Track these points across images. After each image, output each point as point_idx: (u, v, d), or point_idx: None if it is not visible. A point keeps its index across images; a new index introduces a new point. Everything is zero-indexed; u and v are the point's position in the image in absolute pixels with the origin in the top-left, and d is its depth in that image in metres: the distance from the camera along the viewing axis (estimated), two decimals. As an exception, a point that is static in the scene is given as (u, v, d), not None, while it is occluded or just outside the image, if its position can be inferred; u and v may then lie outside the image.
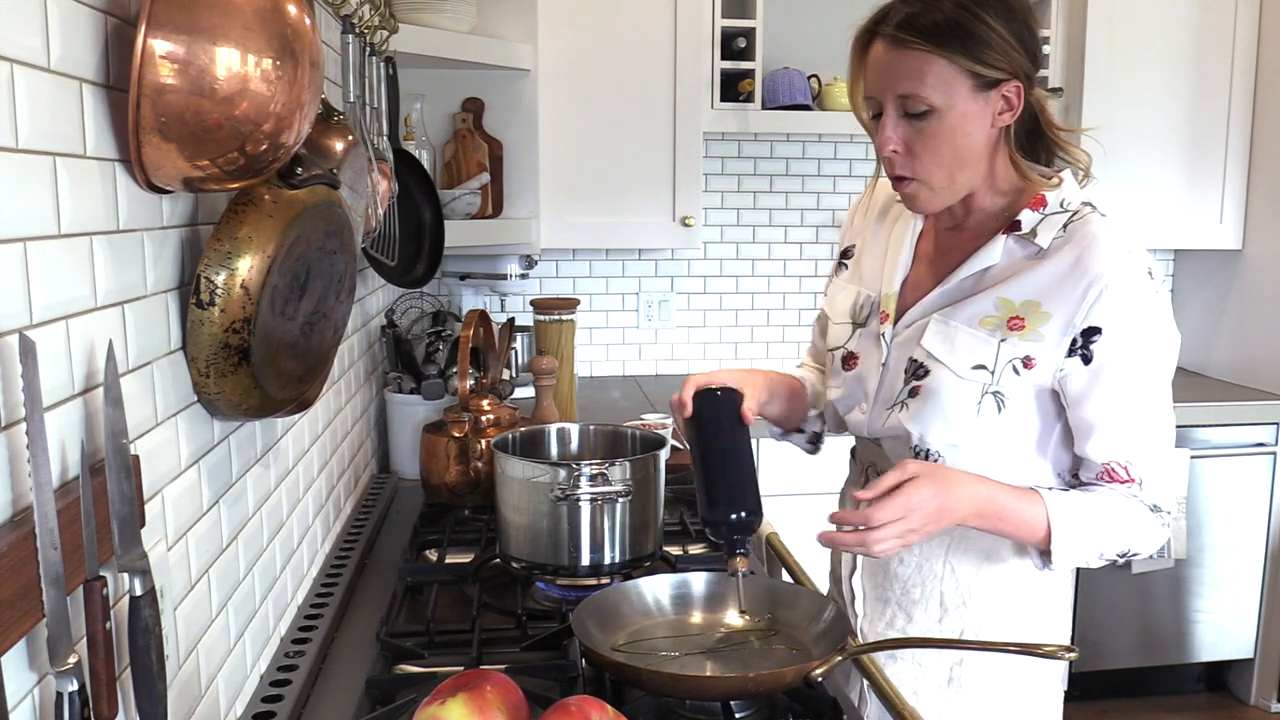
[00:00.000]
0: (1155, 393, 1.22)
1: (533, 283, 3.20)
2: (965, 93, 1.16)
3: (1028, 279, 1.22)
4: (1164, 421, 1.23)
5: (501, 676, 0.97)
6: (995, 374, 1.22)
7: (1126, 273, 1.18)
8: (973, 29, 1.14)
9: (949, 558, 1.31)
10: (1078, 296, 1.18)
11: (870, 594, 1.40)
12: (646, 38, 2.83)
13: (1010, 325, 1.22)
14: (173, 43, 0.77)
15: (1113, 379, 1.19)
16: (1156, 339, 1.21)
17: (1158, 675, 3.22)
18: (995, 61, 1.15)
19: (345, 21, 1.54)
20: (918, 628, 1.34)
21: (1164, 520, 1.23)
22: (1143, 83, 3.13)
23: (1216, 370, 3.39)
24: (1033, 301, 1.21)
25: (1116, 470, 1.22)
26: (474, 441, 1.81)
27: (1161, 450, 1.23)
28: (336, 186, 1.11)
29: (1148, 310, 1.20)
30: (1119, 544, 1.24)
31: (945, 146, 1.19)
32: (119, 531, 0.78)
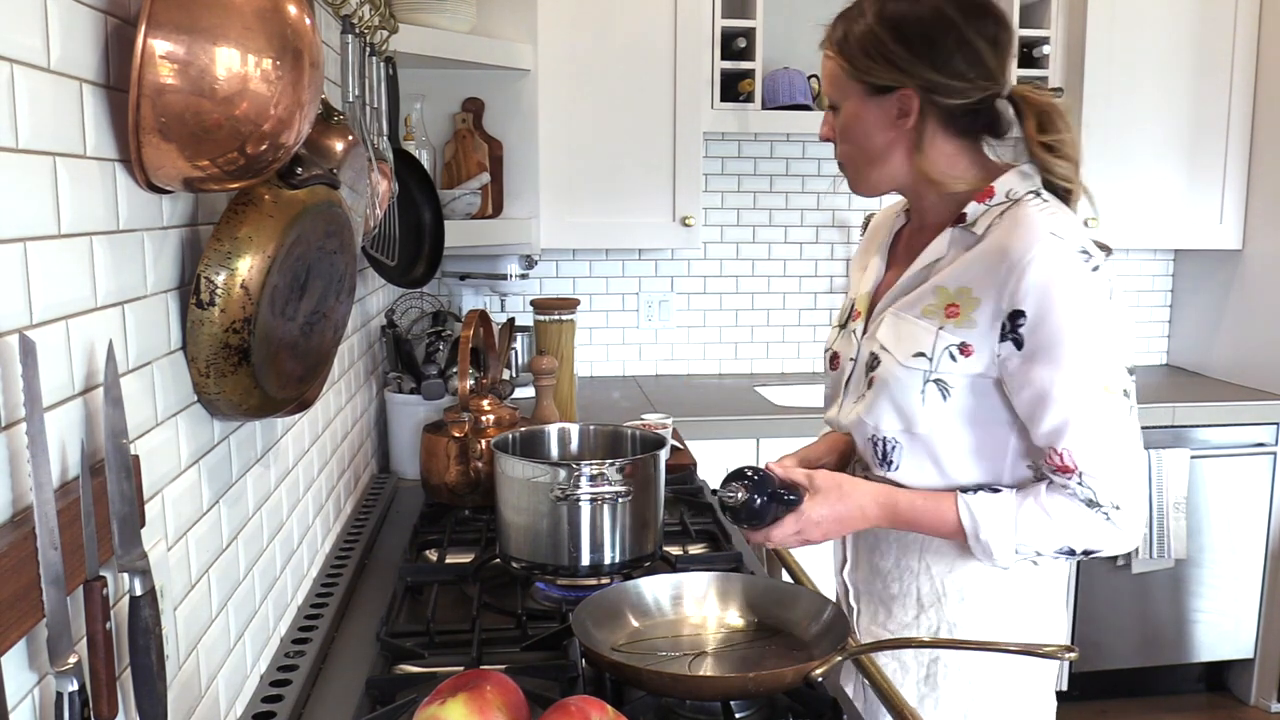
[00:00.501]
0: (1092, 379, 1.19)
1: (533, 283, 3.20)
2: (857, 96, 1.30)
3: (962, 265, 1.26)
4: (1109, 409, 1.20)
5: (501, 676, 0.97)
6: (934, 361, 1.25)
7: (1048, 254, 1.18)
8: (866, 43, 1.27)
9: (924, 554, 1.34)
10: (1002, 279, 1.20)
11: (860, 589, 1.45)
12: (646, 38, 2.83)
13: (947, 313, 1.25)
14: (173, 43, 0.77)
15: (1042, 364, 1.19)
16: (1087, 322, 1.19)
17: (1157, 675, 3.22)
18: (877, 72, 1.27)
19: (345, 21, 1.54)
20: (896, 622, 1.37)
21: (1108, 516, 1.21)
22: (1143, 83, 3.13)
23: (1216, 370, 3.39)
24: (965, 288, 1.24)
25: (1053, 459, 1.21)
26: (474, 441, 1.81)
27: (1105, 441, 1.20)
28: (336, 186, 1.11)
29: (1073, 292, 1.18)
30: (1050, 538, 1.23)
31: (851, 139, 1.33)
32: (119, 531, 0.78)
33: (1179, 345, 3.59)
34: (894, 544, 1.36)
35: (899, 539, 1.35)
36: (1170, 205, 3.22)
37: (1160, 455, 2.94)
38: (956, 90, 1.25)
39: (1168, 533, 2.95)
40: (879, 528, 1.32)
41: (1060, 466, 1.21)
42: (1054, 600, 1.40)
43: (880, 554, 1.39)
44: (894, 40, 1.25)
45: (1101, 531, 1.21)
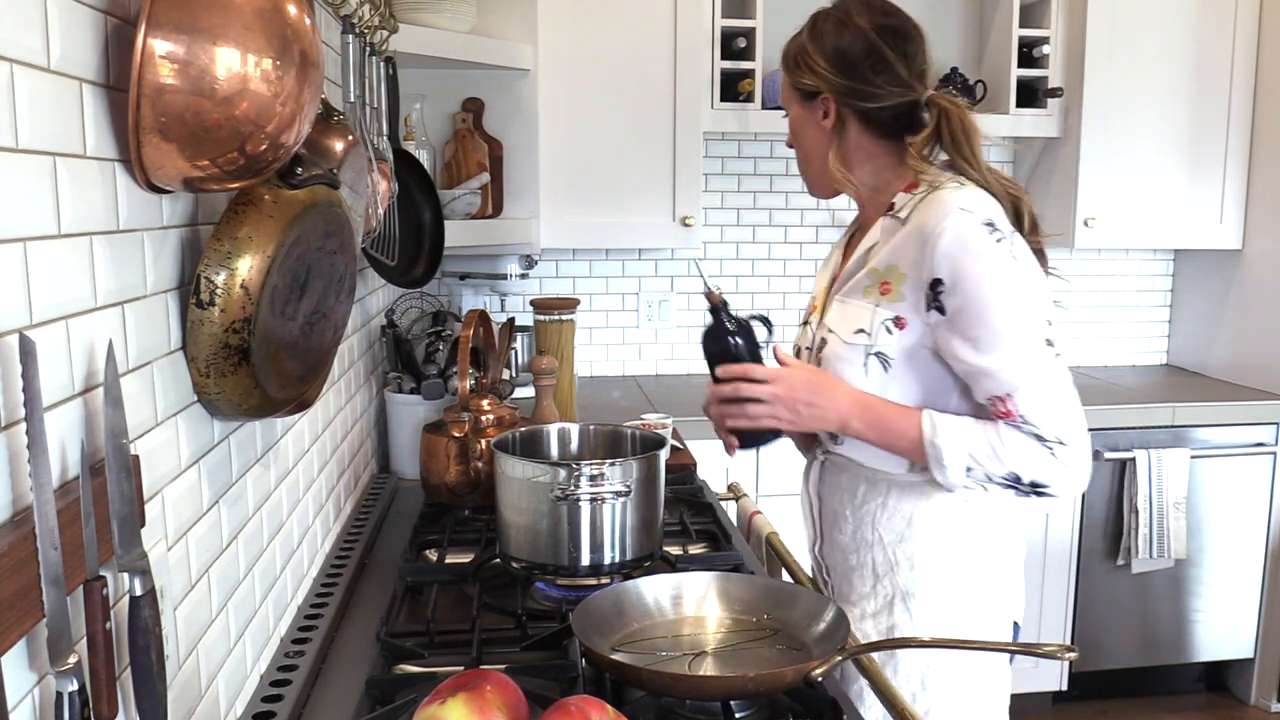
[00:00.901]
0: (1014, 330, 1.30)
1: (533, 283, 3.20)
2: (795, 103, 1.50)
3: (890, 247, 1.39)
4: (1034, 356, 1.31)
5: (501, 676, 0.97)
6: (873, 335, 1.38)
7: (955, 225, 1.31)
8: (798, 54, 1.47)
9: (876, 526, 1.44)
10: (919, 252, 1.34)
11: (827, 562, 1.55)
12: (646, 38, 2.83)
13: (881, 290, 1.39)
14: (173, 43, 0.77)
15: (966, 321, 1.31)
16: (999, 281, 1.30)
17: (1157, 675, 3.22)
18: (803, 79, 1.46)
19: (345, 21, 1.54)
20: (857, 593, 1.48)
21: (1052, 450, 1.30)
22: (1143, 83, 3.13)
23: (1216, 370, 3.39)
24: (893, 265, 1.38)
25: (997, 406, 1.32)
26: (474, 441, 1.81)
27: (1039, 383, 1.31)
28: (336, 186, 1.11)
29: (983, 256, 1.30)
30: (1000, 464, 1.31)
31: (797, 140, 1.53)
32: (119, 531, 0.78)
33: (1179, 345, 3.59)
34: (849, 518, 1.47)
35: (854, 513, 1.46)
36: (1170, 205, 3.22)
37: (1160, 455, 2.94)
38: (869, 95, 1.42)
39: (1168, 533, 2.95)
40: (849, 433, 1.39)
41: (1003, 413, 1.32)
42: (1005, 569, 1.47)
43: (839, 529, 1.49)
44: (817, 53, 1.44)
45: (1048, 465, 1.31)
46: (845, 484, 1.48)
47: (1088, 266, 3.58)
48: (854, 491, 1.46)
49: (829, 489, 1.51)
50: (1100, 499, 3.00)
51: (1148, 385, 3.30)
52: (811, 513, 1.57)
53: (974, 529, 1.42)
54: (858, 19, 1.41)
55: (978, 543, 1.43)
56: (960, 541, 1.42)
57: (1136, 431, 2.96)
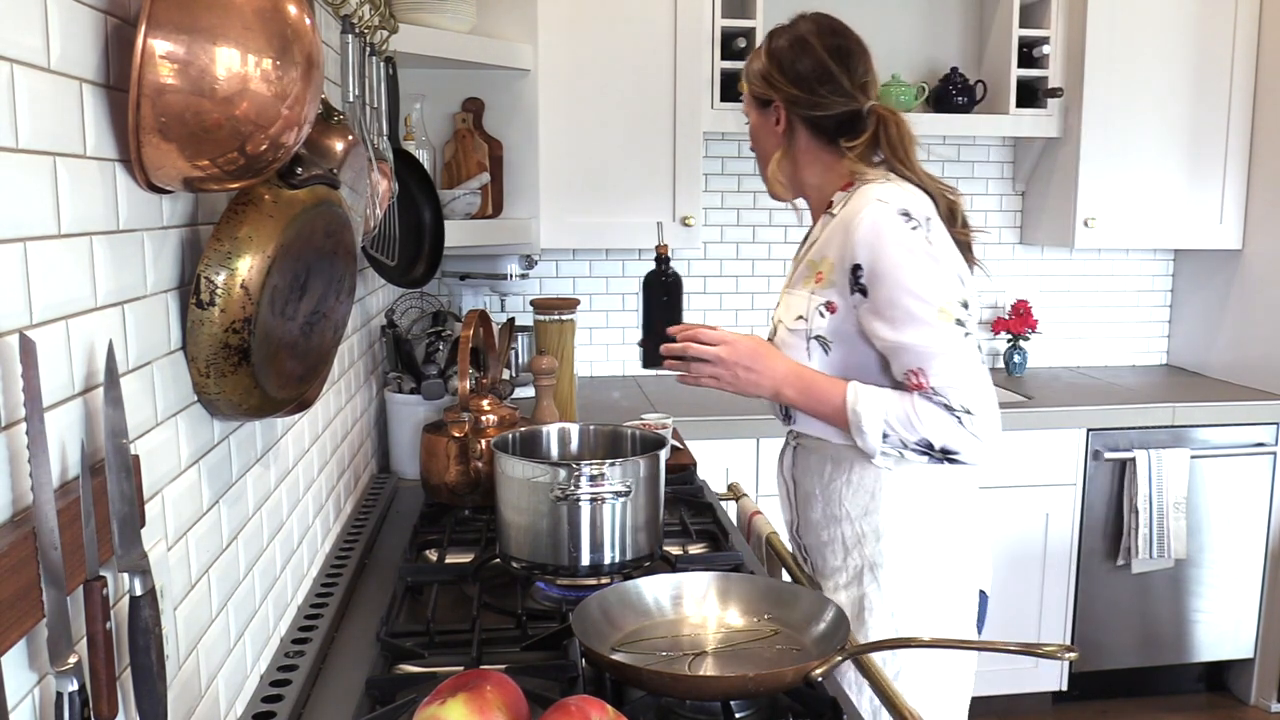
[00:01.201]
0: (927, 310, 1.42)
1: (533, 283, 3.20)
2: (753, 109, 1.64)
3: (822, 240, 1.55)
4: (945, 336, 1.42)
5: (501, 676, 0.97)
6: (809, 321, 1.52)
7: (872, 214, 1.45)
8: (754, 64, 1.62)
9: (843, 503, 1.54)
10: (842, 241, 1.48)
11: (803, 541, 1.64)
12: (646, 38, 2.83)
13: (816, 280, 1.53)
14: (173, 43, 0.77)
15: (883, 302, 1.43)
16: (911, 265, 1.42)
17: (1158, 675, 3.22)
18: (758, 87, 1.61)
19: (345, 21, 1.54)
20: (830, 566, 1.58)
21: (959, 419, 1.42)
22: (1143, 83, 3.13)
23: (1216, 370, 3.39)
24: (825, 256, 1.52)
25: (912, 379, 1.44)
26: (474, 441, 1.81)
27: (948, 361, 1.42)
28: (336, 186, 1.11)
29: (897, 242, 1.43)
30: (912, 430, 1.42)
31: (755, 144, 1.67)
32: (119, 531, 0.78)
33: (1179, 345, 3.59)
34: (819, 496, 1.57)
35: (823, 491, 1.56)
36: (1170, 205, 3.22)
37: (1160, 455, 2.94)
38: (816, 104, 1.56)
39: (1168, 533, 2.95)
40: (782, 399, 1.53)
41: (916, 385, 1.43)
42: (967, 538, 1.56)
43: (810, 508, 1.60)
44: (770, 65, 1.59)
45: (957, 433, 1.42)
46: (814, 464, 1.59)
47: (1088, 266, 3.58)
48: (821, 471, 1.57)
49: (801, 471, 1.62)
50: (1100, 499, 3.00)
51: (1148, 385, 3.30)
52: (787, 495, 1.68)
53: (936, 500, 1.52)
54: (808, 37, 1.56)
55: (940, 513, 1.53)
56: (922, 513, 1.52)
57: (1136, 431, 2.97)
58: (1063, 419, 2.94)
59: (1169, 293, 3.63)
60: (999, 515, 2.94)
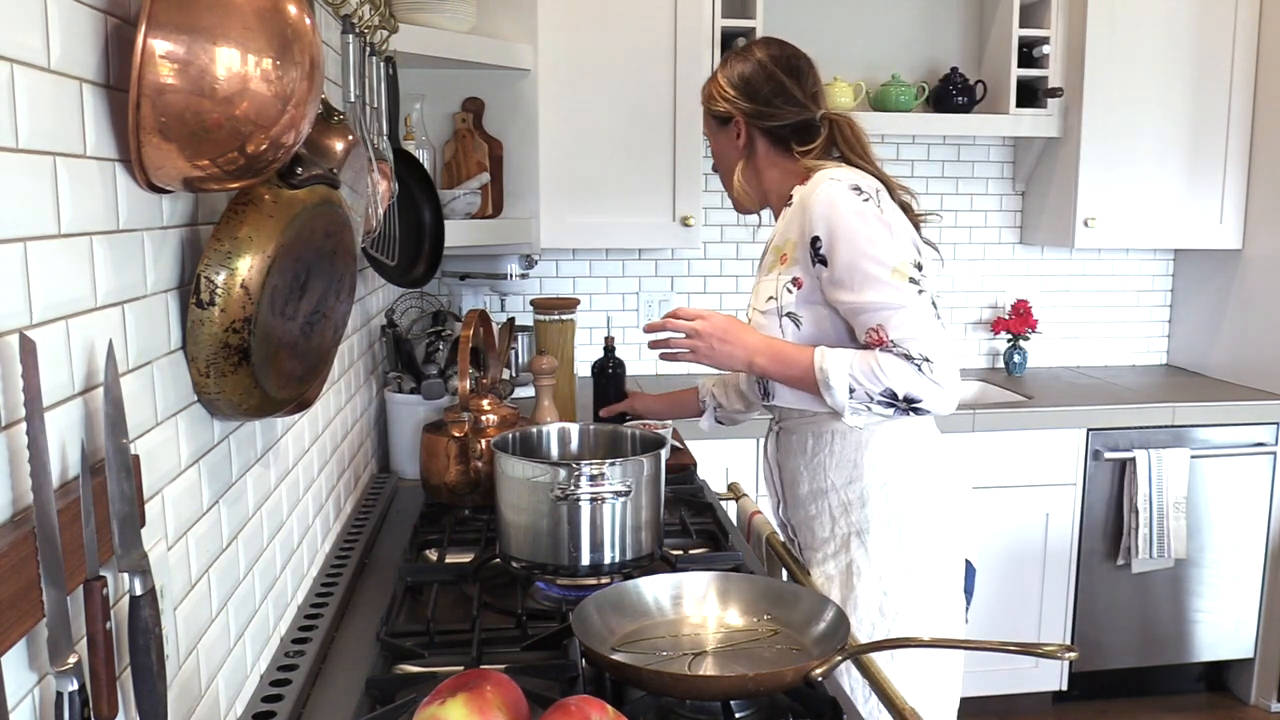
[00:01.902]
0: (881, 271, 1.51)
1: (533, 283, 3.20)
2: (712, 126, 1.79)
3: (783, 226, 1.67)
4: (901, 292, 1.51)
5: (501, 676, 0.97)
6: (779, 299, 1.62)
7: (827, 190, 1.57)
8: (713, 87, 1.76)
9: (828, 474, 1.63)
10: (801, 219, 1.59)
11: (793, 522, 1.72)
12: (646, 38, 2.83)
13: (781, 261, 1.64)
14: (173, 43, 0.77)
15: (841, 267, 1.53)
16: (862, 231, 1.53)
17: (1158, 675, 3.22)
18: (717, 107, 1.74)
19: (345, 21, 1.54)
20: (818, 540, 1.66)
21: (919, 367, 1.50)
22: (1143, 83, 3.13)
23: (1216, 370, 3.39)
24: (788, 239, 1.63)
25: (871, 336, 1.53)
26: (474, 441, 1.81)
27: (905, 315, 1.51)
28: (336, 186, 1.11)
29: (850, 211, 1.54)
30: (876, 381, 1.50)
31: (718, 163, 1.81)
32: (119, 531, 0.78)
33: (1179, 345, 3.59)
34: (804, 473, 1.66)
35: (808, 468, 1.65)
36: (1170, 205, 3.22)
37: (1160, 455, 2.94)
38: (771, 115, 1.68)
39: (1168, 533, 2.95)
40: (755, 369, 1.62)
41: (877, 341, 1.52)
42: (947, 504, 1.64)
43: (798, 485, 1.68)
44: (728, 85, 1.72)
45: (918, 381, 1.50)
46: (796, 444, 1.67)
47: (1088, 266, 3.58)
48: (804, 448, 1.65)
49: (784, 453, 1.71)
50: (1100, 499, 3.00)
51: (1148, 385, 3.30)
52: (772, 479, 1.77)
53: (914, 466, 1.61)
54: (760, 56, 1.70)
55: (919, 479, 1.61)
56: (902, 478, 1.60)
57: (1136, 431, 2.97)
58: (1063, 419, 2.95)
59: (1169, 293, 3.63)
60: (999, 515, 2.94)
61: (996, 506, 2.92)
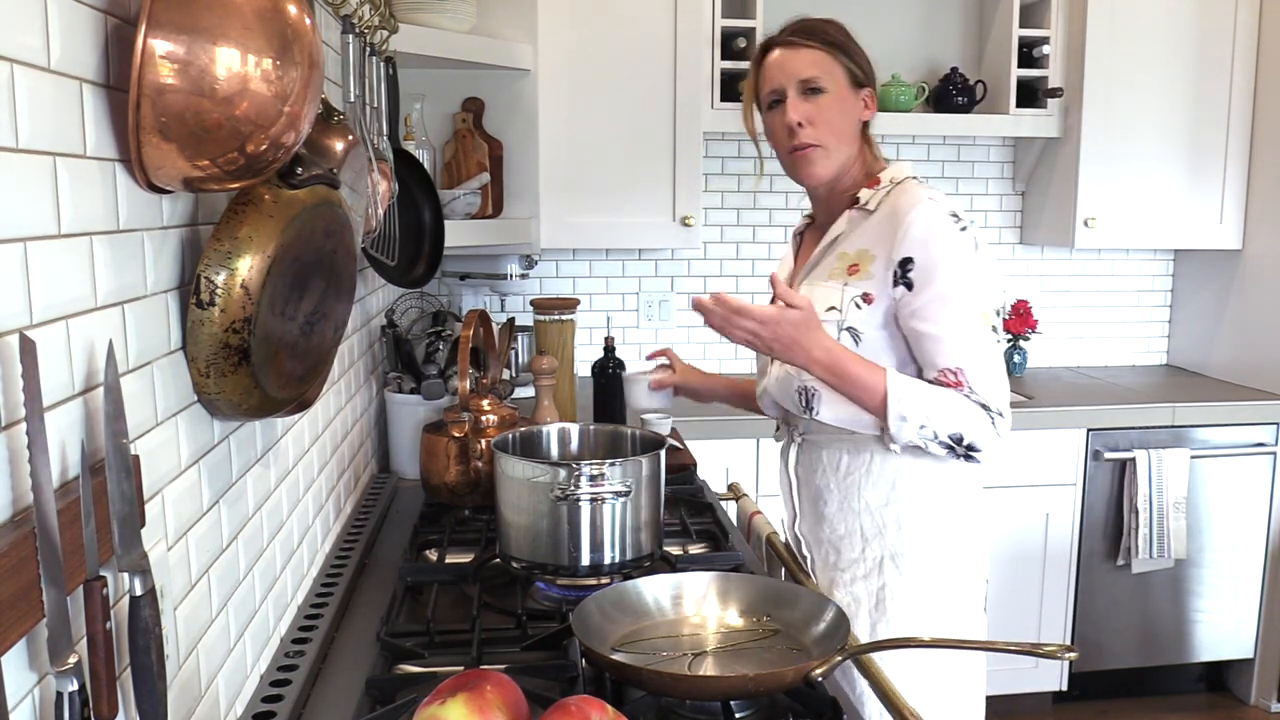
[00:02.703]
0: (970, 311, 1.46)
1: (533, 283, 3.20)
2: (844, 83, 1.58)
3: (860, 234, 1.56)
4: (984, 337, 1.47)
5: (501, 676, 0.97)
6: (843, 312, 1.52)
7: (927, 212, 1.48)
8: (848, 43, 1.59)
9: (862, 494, 1.56)
10: (891, 235, 1.49)
11: (810, 538, 1.65)
12: (646, 38, 2.83)
13: (850, 272, 1.53)
14: (173, 43, 0.77)
15: (929, 297, 1.46)
16: (961, 266, 1.46)
17: (1158, 675, 3.22)
18: (861, 66, 1.59)
19: (345, 21, 1.54)
20: (845, 559, 1.58)
21: (993, 419, 1.45)
22: (1143, 83, 3.13)
23: (1216, 370, 3.39)
24: (864, 249, 1.53)
25: (947, 376, 1.46)
26: (474, 441, 1.81)
27: (985, 361, 1.46)
28: (336, 186, 1.11)
29: (950, 242, 1.46)
30: (950, 424, 1.45)
31: (835, 117, 1.57)
32: (119, 531, 0.78)
33: (1179, 345, 3.59)
34: (835, 490, 1.58)
35: (839, 486, 1.58)
36: (1170, 205, 3.22)
37: (1160, 455, 2.94)
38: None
39: (1168, 533, 2.95)
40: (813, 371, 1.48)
41: (952, 383, 1.46)
42: (979, 528, 1.61)
43: (824, 502, 1.60)
44: (859, 50, 1.60)
45: (987, 432, 1.46)
46: (826, 460, 1.59)
47: (1088, 266, 3.58)
48: (836, 465, 1.58)
49: (807, 468, 1.63)
50: (1100, 499, 3.00)
51: (1148, 385, 3.30)
52: (790, 493, 1.68)
53: (953, 490, 1.55)
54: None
55: (956, 503, 1.56)
56: (941, 502, 1.55)
57: (1136, 431, 2.97)
58: (1063, 419, 2.95)
59: (1169, 293, 3.63)
60: (999, 515, 2.94)
61: (997, 506, 2.92)
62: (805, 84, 1.56)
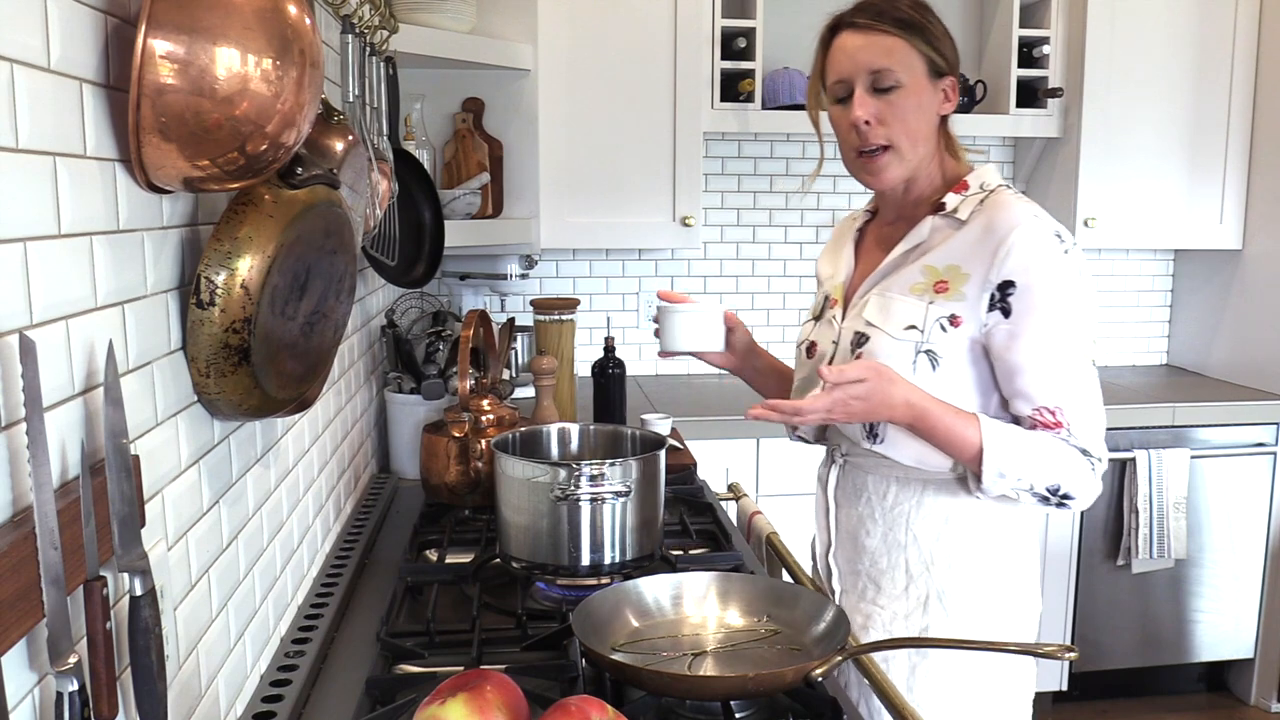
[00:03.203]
0: (1073, 343, 1.33)
1: (533, 283, 3.20)
2: (922, 74, 1.37)
3: (949, 246, 1.38)
4: (1086, 372, 1.34)
5: (501, 676, 0.97)
6: (925, 332, 1.36)
7: (1032, 232, 1.33)
8: (928, 24, 1.38)
9: (910, 527, 1.42)
10: (990, 254, 1.33)
11: (844, 568, 1.51)
12: (646, 38, 2.83)
13: (936, 289, 1.37)
14: (173, 43, 0.77)
15: (1030, 327, 1.31)
16: (1067, 293, 1.33)
17: (1158, 675, 3.22)
18: (944, 53, 1.39)
19: (345, 21, 1.54)
20: (886, 596, 1.45)
21: (1093, 465, 1.33)
22: (1143, 83, 3.13)
23: (1216, 370, 3.39)
24: (954, 265, 1.36)
25: (1045, 416, 1.33)
26: (474, 441, 1.81)
27: (1086, 398, 1.33)
28: (336, 186, 1.11)
29: (1056, 266, 1.32)
30: (1049, 475, 1.32)
31: (910, 115, 1.37)
32: (119, 531, 0.78)
33: (1179, 345, 3.59)
34: (879, 521, 1.44)
35: (884, 516, 1.44)
36: (1170, 205, 3.22)
37: (1160, 455, 2.94)
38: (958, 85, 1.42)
39: (1168, 533, 2.95)
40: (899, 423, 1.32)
41: (1051, 423, 1.32)
42: (1031, 566, 1.48)
43: (866, 533, 1.46)
44: (941, 31, 1.39)
45: (1086, 479, 1.33)
46: (872, 486, 1.45)
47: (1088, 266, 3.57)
48: (883, 493, 1.43)
49: (848, 493, 1.49)
50: (1100, 499, 2.99)
51: (1148, 385, 3.30)
52: (827, 519, 1.53)
53: (1006, 526, 1.42)
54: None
55: (1009, 540, 1.42)
56: (997, 538, 1.41)
57: (1136, 431, 2.97)
58: (1063, 419, 2.94)
59: (1169, 293, 3.63)
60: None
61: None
62: (876, 76, 1.36)
